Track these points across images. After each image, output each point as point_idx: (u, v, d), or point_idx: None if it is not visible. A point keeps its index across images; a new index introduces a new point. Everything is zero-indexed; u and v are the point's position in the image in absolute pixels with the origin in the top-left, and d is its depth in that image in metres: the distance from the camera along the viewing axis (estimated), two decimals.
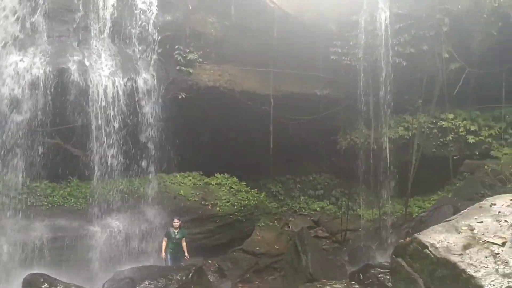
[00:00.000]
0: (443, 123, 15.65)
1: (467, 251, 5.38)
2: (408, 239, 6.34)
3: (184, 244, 12.51)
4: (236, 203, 14.69)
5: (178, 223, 12.53)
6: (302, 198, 18.22)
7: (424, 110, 15.79)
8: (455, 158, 15.34)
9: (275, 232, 15.66)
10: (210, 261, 14.04)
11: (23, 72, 12.15)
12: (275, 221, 16.50)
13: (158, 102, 13.94)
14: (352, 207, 16.53)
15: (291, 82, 16.21)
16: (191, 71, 14.80)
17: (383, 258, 13.15)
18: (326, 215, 17.23)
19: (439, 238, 5.77)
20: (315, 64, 16.12)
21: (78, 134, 13.30)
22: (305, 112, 16.18)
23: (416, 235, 6.18)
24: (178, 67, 14.59)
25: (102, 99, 12.85)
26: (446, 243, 5.63)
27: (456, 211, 9.97)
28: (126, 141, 13.29)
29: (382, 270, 10.74)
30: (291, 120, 16.25)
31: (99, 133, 12.85)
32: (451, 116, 15.70)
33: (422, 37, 15.03)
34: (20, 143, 12.03)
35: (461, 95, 15.26)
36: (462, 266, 5.17)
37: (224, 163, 15.60)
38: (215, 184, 15.27)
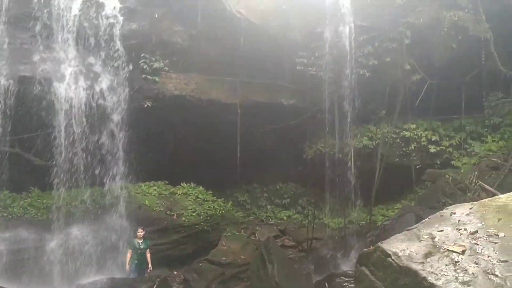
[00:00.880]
0: (406, 133, 15.95)
1: (428, 260, 5.46)
2: (371, 247, 6.41)
3: (148, 256, 12.30)
4: (202, 213, 14.56)
5: (142, 233, 12.32)
6: (269, 207, 18.23)
7: (387, 120, 16.06)
8: (418, 167, 15.65)
9: (241, 242, 15.54)
10: (175, 272, 13.81)
11: None
12: (242, 230, 16.38)
13: (123, 111, 13.77)
14: (318, 215, 16.62)
15: (258, 91, 16.29)
16: (157, 79, 14.73)
17: (347, 266, 13.27)
18: (292, 224, 17.25)
19: (401, 247, 5.83)
20: (281, 74, 16.31)
21: (39, 143, 12.99)
22: (272, 121, 16.27)
23: (379, 243, 6.24)
24: (144, 76, 14.48)
25: (64, 108, 12.59)
26: (408, 252, 5.70)
27: (419, 219, 10.10)
28: (89, 150, 13.06)
29: (347, 279, 10.87)
30: (258, 129, 16.29)
31: (61, 142, 12.57)
32: (413, 126, 16.03)
33: (385, 49, 15.37)
34: None
35: (422, 106, 15.72)
36: (424, 274, 5.23)
37: (191, 172, 15.45)
38: (181, 193, 15.11)
